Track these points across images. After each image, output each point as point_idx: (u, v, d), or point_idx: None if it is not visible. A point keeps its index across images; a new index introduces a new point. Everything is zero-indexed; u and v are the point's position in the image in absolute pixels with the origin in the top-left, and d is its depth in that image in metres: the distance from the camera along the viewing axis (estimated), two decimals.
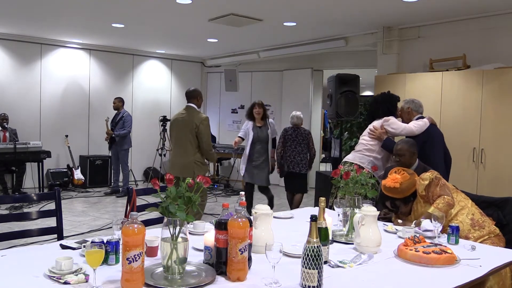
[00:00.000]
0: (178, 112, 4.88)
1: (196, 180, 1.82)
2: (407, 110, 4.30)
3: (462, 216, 2.91)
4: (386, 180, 3.05)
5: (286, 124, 9.05)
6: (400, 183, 2.97)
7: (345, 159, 4.39)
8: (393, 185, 2.98)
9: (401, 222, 3.03)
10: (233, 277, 1.83)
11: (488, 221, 2.94)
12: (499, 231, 2.91)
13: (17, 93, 8.08)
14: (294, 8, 5.55)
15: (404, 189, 2.98)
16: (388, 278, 1.96)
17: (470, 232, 2.84)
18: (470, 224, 2.87)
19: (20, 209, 6.34)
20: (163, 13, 5.99)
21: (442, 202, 2.85)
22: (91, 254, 1.67)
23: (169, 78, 10.06)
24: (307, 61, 8.85)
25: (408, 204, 3.04)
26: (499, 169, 5.05)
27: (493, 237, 2.85)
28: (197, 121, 4.49)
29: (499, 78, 5.05)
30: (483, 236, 2.82)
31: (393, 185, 2.98)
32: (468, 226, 2.87)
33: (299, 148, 5.98)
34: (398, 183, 2.97)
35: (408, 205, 3.04)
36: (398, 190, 2.98)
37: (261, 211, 2.18)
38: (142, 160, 9.52)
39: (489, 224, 2.91)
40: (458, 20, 5.71)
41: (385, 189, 3.03)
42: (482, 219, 2.91)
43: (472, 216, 2.91)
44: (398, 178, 2.99)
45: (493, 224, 2.94)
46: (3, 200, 4.85)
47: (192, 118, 4.53)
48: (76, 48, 8.71)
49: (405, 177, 3.00)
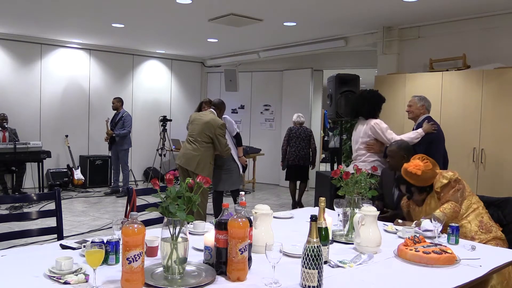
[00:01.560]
0: (199, 112, 5.39)
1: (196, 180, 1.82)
2: (420, 107, 4.31)
3: (472, 216, 2.89)
4: (408, 164, 2.99)
5: (286, 123, 9.13)
6: (422, 171, 2.92)
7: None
8: (415, 171, 2.92)
9: (401, 222, 3.03)
10: (233, 277, 1.83)
11: (496, 226, 2.93)
12: (505, 237, 2.90)
13: (17, 93, 8.08)
14: (294, 8, 5.55)
15: (424, 178, 2.93)
16: (388, 278, 1.96)
17: (476, 234, 2.83)
18: (478, 226, 2.86)
19: (20, 209, 6.34)
20: (163, 13, 5.99)
21: (449, 208, 2.83)
22: (91, 254, 1.67)
23: (169, 78, 10.06)
24: (307, 61, 8.85)
25: (423, 194, 2.99)
26: (499, 169, 5.05)
27: (499, 241, 2.84)
28: (215, 124, 5.03)
29: (499, 78, 5.05)
30: (488, 239, 2.81)
31: (414, 171, 2.92)
32: (475, 227, 2.85)
33: (302, 144, 6.90)
34: (420, 170, 2.91)
35: (422, 194, 2.99)
36: (418, 178, 2.92)
37: (261, 211, 2.18)
38: (142, 160, 9.52)
39: (496, 229, 2.90)
40: (458, 20, 5.71)
41: (405, 173, 2.98)
42: (490, 223, 2.90)
43: (482, 218, 2.89)
44: (421, 166, 2.93)
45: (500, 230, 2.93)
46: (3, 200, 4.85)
47: (211, 121, 5.05)
48: (76, 48, 8.71)
49: (428, 166, 2.94)
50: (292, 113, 9.04)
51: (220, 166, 5.33)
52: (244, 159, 5.67)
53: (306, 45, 7.71)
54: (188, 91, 10.36)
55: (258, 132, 9.73)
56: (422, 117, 4.32)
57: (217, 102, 5.38)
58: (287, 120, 9.16)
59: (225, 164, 5.35)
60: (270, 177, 9.45)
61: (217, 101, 5.40)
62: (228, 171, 5.38)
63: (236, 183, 5.49)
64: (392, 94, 5.92)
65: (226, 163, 5.36)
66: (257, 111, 9.77)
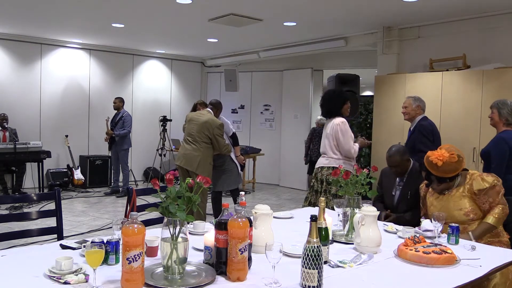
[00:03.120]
0: (196, 112, 5.33)
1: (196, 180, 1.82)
2: (416, 108, 4.29)
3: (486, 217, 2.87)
4: (432, 152, 2.94)
5: (286, 123, 9.14)
6: (443, 162, 2.86)
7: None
8: (436, 161, 2.87)
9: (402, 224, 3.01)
10: (233, 277, 1.83)
11: (504, 233, 2.92)
12: (509, 243, 2.90)
13: (17, 93, 8.08)
14: (294, 8, 5.55)
15: (445, 169, 2.87)
16: (388, 278, 1.95)
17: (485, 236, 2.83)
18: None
19: (20, 209, 6.34)
20: (163, 13, 5.99)
21: (502, 212, 2.80)
22: (91, 254, 1.67)
23: (169, 78, 10.06)
24: (307, 61, 8.85)
25: (442, 184, 2.94)
26: None
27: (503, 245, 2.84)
28: (213, 124, 5.01)
29: (499, 78, 5.05)
30: (493, 242, 2.81)
31: (435, 161, 2.88)
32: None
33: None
34: (441, 162, 2.86)
35: (441, 185, 2.94)
36: (438, 168, 2.88)
37: (261, 211, 2.18)
38: (142, 160, 9.52)
39: (504, 235, 2.90)
40: (458, 20, 5.71)
41: (427, 161, 2.94)
42: (500, 228, 2.90)
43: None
44: (445, 157, 2.87)
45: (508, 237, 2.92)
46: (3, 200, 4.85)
47: (210, 121, 5.03)
48: (76, 48, 8.71)
49: (453, 158, 2.86)
50: (292, 113, 9.10)
51: (219, 166, 5.33)
52: (242, 158, 5.69)
53: (306, 45, 7.71)
54: (188, 91, 10.36)
55: (258, 132, 9.73)
56: (418, 118, 4.30)
57: (214, 102, 5.39)
58: (287, 120, 9.19)
59: (224, 164, 5.35)
60: (270, 177, 9.45)
61: (214, 101, 5.42)
62: (227, 171, 5.38)
63: (235, 182, 5.49)
64: (392, 94, 5.93)
65: (225, 163, 5.36)
66: (257, 111, 9.77)
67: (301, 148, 8.50)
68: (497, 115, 3.70)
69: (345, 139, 4.09)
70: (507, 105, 3.67)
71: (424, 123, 4.24)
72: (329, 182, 4.08)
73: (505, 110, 3.66)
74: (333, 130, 4.16)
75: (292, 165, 9.03)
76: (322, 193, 4.14)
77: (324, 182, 4.15)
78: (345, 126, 4.13)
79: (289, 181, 9.16)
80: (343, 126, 4.12)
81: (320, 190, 4.17)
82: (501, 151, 3.55)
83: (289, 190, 8.84)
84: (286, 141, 9.21)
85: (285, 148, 9.23)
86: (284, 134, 9.26)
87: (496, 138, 3.66)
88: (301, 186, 8.89)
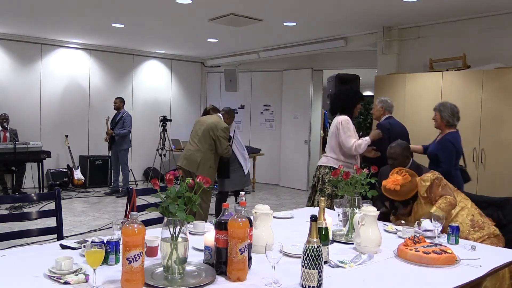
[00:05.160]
0: (206, 116, 5.39)
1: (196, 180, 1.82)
2: (380, 109, 4.51)
3: (462, 217, 2.91)
4: (386, 181, 3.01)
5: (286, 123, 9.14)
6: (400, 186, 2.94)
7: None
8: (393, 187, 2.94)
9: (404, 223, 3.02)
10: (233, 277, 1.83)
11: (488, 222, 2.93)
12: (499, 232, 2.91)
13: (17, 93, 8.07)
14: (294, 8, 5.55)
15: (405, 191, 2.95)
16: (388, 278, 1.96)
17: (470, 233, 2.84)
18: (470, 225, 2.87)
19: (20, 209, 6.34)
20: (163, 13, 5.99)
21: (444, 202, 2.84)
22: (91, 254, 1.67)
23: (169, 78, 10.06)
24: (307, 61, 8.85)
25: (408, 206, 3.02)
26: (499, 169, 5.05)
27: (493, 237, 2.85)
28: (219, 126, 5.06)
29: (499, 78, 5.05)
30: (482, 237, 2.82)
31: (393, 188, 2.94)
32: (468, 227, 2.86)
33: None
34: (398, 185, 2.93)
35: (407, 207, 3.02)
36: (398, 193, 2.95)
37: (261, 211, 2.18)
38: (142, 160, 9.52)
39: (488, 225, 2.90)
40: (458, 20, 5.71)
41: (385, 190, 3.01)
42: (482, 220, 2.91)
43: (472, 217, 2.91)
44: (399, 180, 2.95)
45: (493, 225, 2.94)
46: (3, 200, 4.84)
47: (215, 122, 5.09)
48: (76, 48, 8.71)
49: (406, 178, 2.96)
50: (292, 113, 9.10)
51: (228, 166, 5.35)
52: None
53: (306, 45, 7.71)
54: (188, 91, 10.36)
55: (258, 132, 9.73)
56: (383, 118, 4.52)
57: (227, 110, 5.40)
58: (287, 120, 9.18)
59: (232, 164, 5.37)
60: (270, 177, 9.45)
61: (227, 109, 5.42)
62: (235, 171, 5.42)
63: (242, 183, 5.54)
64: (392, 94, 5.92)
65: (233, 164, 5.37)
66: (257, 111, 9.77)
67: (301, 148, 8.49)
68: (439, 118, 3.93)
69: (345, 136, 4.09)
70: (448, 108, 3.89)
71: (382, 122, 4.47)
72: (324, 181, 4.08)
73: (446, 113, 3.88)
74: (335, 128, 4.19)
75: (292, 165, 9.03)
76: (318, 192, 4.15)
77: (320, 181, 4.16)
78: (347, 124, 4.15)
79: (289, 181, 9.16)
80: (345, 124, 4.14)
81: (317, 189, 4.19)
82: (449, 153, 3.80)
83: (289, 190, 8.84)
84: (286, 141, 9.21)
85: (285, 148, 9.22)
86: (284, 134, 9.25)
87: (443, 140, 3.87)
88: (301, 186, 8.89)
